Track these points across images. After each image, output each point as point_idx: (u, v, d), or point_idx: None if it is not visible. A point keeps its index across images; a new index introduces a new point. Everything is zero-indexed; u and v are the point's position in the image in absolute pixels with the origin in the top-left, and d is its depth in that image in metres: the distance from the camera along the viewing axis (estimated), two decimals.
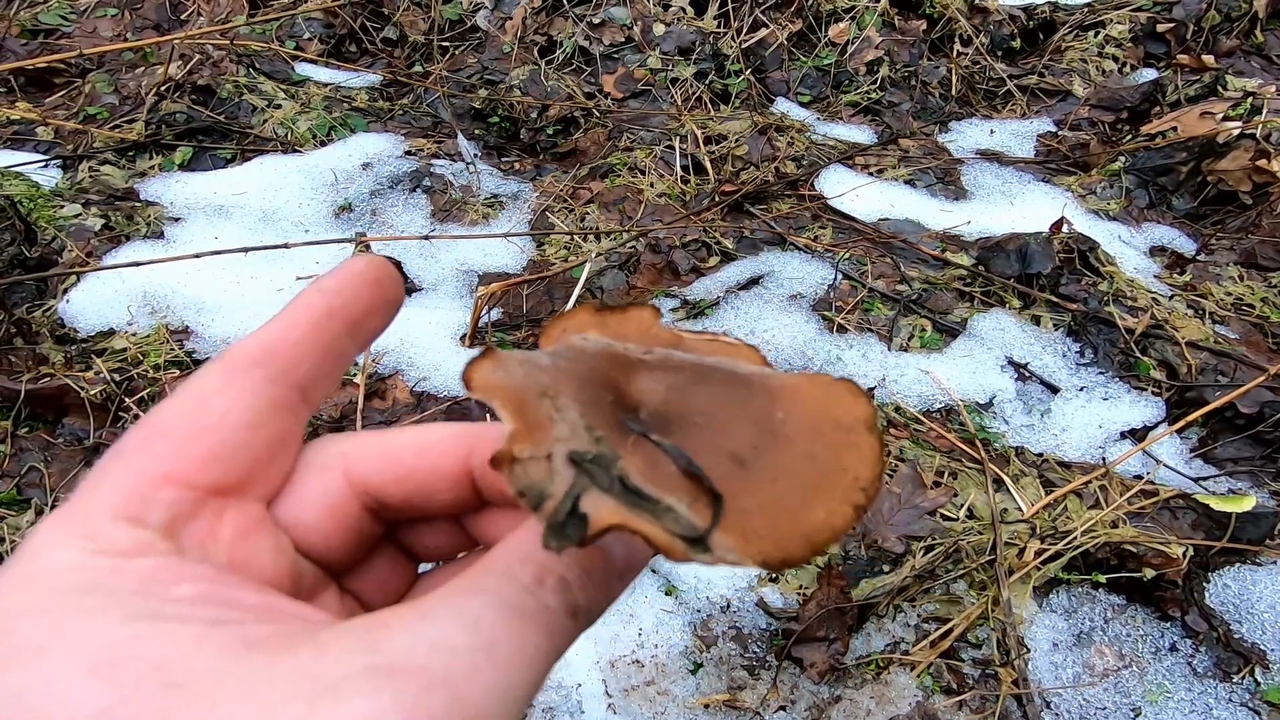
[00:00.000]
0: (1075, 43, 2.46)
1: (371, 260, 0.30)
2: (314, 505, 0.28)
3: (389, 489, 0.28)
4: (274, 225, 1.86)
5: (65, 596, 0.21)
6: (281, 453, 0.27)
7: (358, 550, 0.29)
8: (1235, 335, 1.59)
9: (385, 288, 0.30)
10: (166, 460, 0.25)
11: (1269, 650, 1.10)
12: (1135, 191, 2.00)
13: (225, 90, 2.16)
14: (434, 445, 0.29)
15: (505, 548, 0.25)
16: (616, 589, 0.26)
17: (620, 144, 2.16)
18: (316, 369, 0.28)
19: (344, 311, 0.29)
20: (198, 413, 0.26)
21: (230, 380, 0.26)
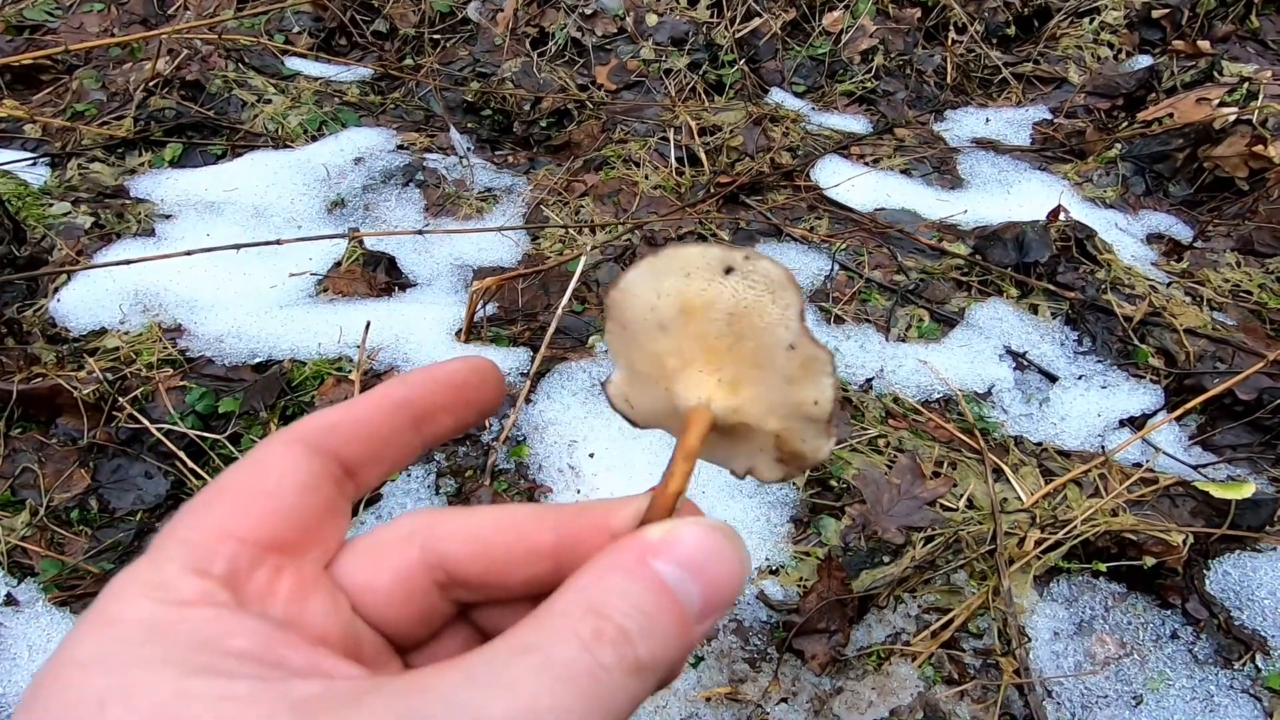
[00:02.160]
0: (1070, 29, 2.44)
1: (468, 363, 0.32)
2: (387, 573, 0.28)
3: (465, 563, 0.29)
4: (266, 221, 1.85)
5: (130, 649, 0.23)
6: (332, 520, 0.29)
7: (426, 625, 0.29)
8: (1233, 322, 1.59)
9: (468, 390, 0.32)
10: (229, 518, 0.27)
11: (1269, 637, 1.10)
12: (1132, 179, 2.00)
13: (214, 85, 2.14)
14: (516, 522, 0.29)
15: (563, 596, 0.24)
16: (695, 635, 0.25)
17: (614, 136, 2.14)
18: (369, 452, 0.30)
19: (416, 405, 0.31)
20: (258, 477, 0.28)
21: (288, 449, 0.28)
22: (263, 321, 1.55)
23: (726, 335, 0.30)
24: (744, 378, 0.31)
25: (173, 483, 1.35)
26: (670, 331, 0.31)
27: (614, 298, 0.32)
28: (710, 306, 0.30)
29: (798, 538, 1.22)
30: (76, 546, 1.28)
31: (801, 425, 0.31)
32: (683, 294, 0.30)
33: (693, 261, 0.30)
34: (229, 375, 1.47)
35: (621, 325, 0.32)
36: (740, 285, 0.30)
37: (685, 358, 0.31)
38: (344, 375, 1.46)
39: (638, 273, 0.31)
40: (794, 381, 0.30)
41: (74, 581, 1.22)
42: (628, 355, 0.33)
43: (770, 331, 0.30)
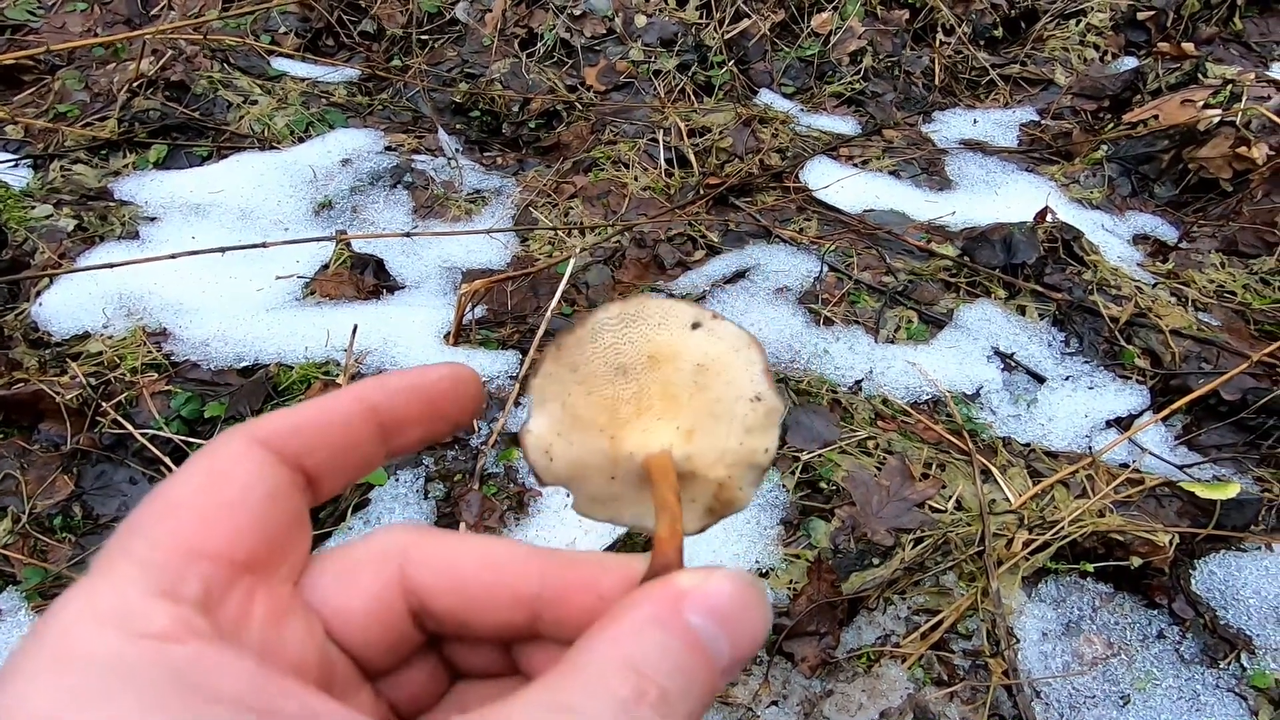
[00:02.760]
0: (1057, 31, 2.46)
1: (450, 371, 0.30)
2: (363, 596, 0.27)
3: (439, 597, 0.27)
4: (252, 224, 1.83)
5: (99, 698, 0.19)
6: (299, 533, 0.27)
7: (397, 652, 0.28)
8: (1218, 322, 1.60)
9: (446, 402, 0.30)
10: (194, 534, 0.24)
11: (1254, 636, 1.11)
12: (1118, 180, 2.01)
13: (199, 86, 2.12)
14: (499, 563, 0.27)
15: (598, 649, 0.23)
16: (720, 688, 0.24)
17: (603, 137, 2.14)
18: (332, 461, 0.27)
19: (387, 414, 0.29)
20: (218, 485, 0.25)
21: (249, 453, 0.26)
22: (249, 325, 1.54)
23: (689, 385, 0.31)
24: (699, 427, 0.31)
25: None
26: (632, 377, 0.32)
27: (575, 338, 0.32)
28: (678, 356, 0.31)
29: (788, 540, 1.22)
30: (60, 554, 1.27)
31: (744, 472, 0.32)
32: (653, 341, 0.32)
33: (666, 312, 0.32)
34: (214, 379, 1.46)
35: (571, 368, 0.32)
36: (707, 340, 0.31)
37: (643, 404, 0.32)
38: (331, 379, 1.44)
39: (607, 316, 0.32)
40: (752, 431, 0.31)
41: (57, 590, 1.20)
42: (568, 401, 0.32)
43: (735, 384, 0.31)
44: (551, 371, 0.32)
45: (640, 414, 0.32)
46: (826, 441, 1.33)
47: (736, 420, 0.31)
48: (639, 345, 0.32)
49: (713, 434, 0.31)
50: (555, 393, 0.32)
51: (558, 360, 0.32)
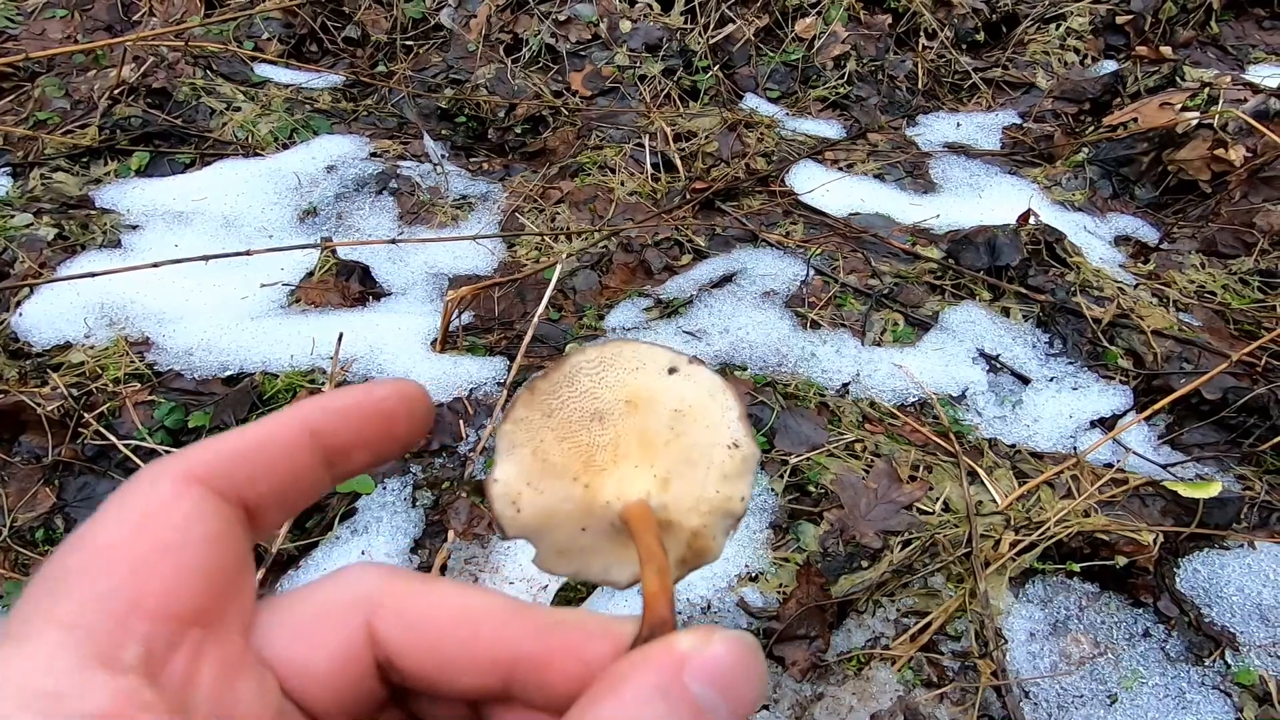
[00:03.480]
0: (1038, 35, 2.49)
1: (398, 390, 0.28)
2: (327, 652, 0.24)
3: (410, 655, 0.25)
4: (236, 231, 1.82)
5: None
6: (245, 577, 0.24)
7: (359, 710, 0.25)
8: (1198, 322, 1.62)
9: (394, 423, 0.28)
10: (128, 587, 0.20)
11: (1238, 633, 1.12)
12: (1099, 182, 2.04)
13: (182, 93, 2.10)
14: (476, 620, 0.25)
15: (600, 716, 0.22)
16: None
17: (589, 142, 2.14)
18: (276, 493, 0.25)
19: (330, 438, 0.26)
20: (152, 529, 0.22)
21: (185, 490, 0.23)
22: (233, 334, 1.53)
23: (665, 431, 0.31)
24: (675, 473, 0.31)
25: None
26: (608, 423, 0.31)
27: (550, 382, 0.31)
28: (656, 402, 0.31)
29: (776, 544, 1.22)
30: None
31: (718, 521, 0.31)
32: (630, 386, 0.31)
33: (643, 357, 0.31)
34: (199, 389, 1.45)
35: (545, 413, 0.31)
36: (685, 385, 0.31)
37: (619, 451, 0.31)
38: (317, 387, 1.43)
39: (584, 360, 0.31)
40: (729, 478, 0.31)
41: None
42: (539, 447, 0.31)
43: (712, 430, 0.31)
44: (524, 416, 0.31)
45: (617, 461, 0.31)
46: (814, 445, 1.34)
47: (714, 467, 0.31)
48: (616, 390, 0.31)
49: (689, 481, 0.31)
50: (527, 438, 0.31)
51: (531, 405, 0.31)
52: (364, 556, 1.23)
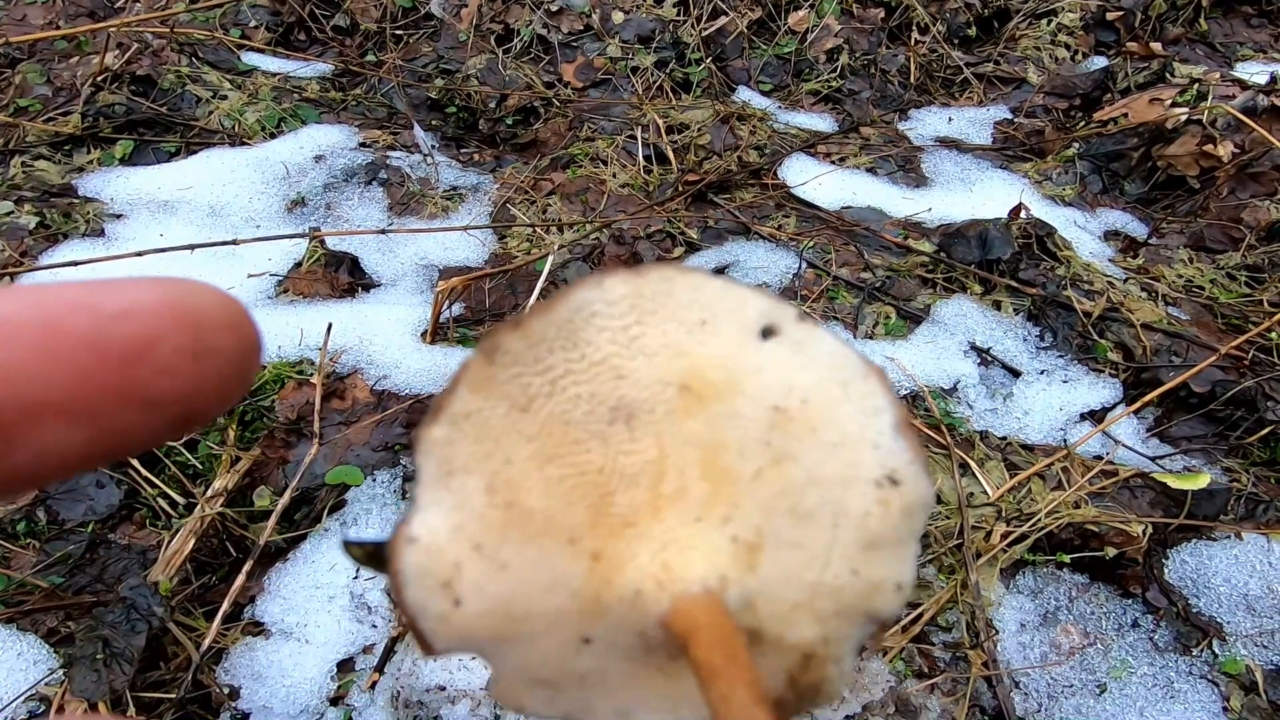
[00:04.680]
0: (1029, 31, 2.49)
1: (160, 297, 0.16)
2: None
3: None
4: (223, 221, 1.79)
5: None
6: None
7: None
8: (1186, 316, 1.63)
9: (148, 359, 0.16)
10: None
11: (1225, 623, 1.13)
12: (1089, 177, 2.04)
13: (167, 81, 2.07)
14: None
15: None
16: None
17: (581, 134, 2.13)
18: None
19: None
20: None
21: None
22: None
23: (756, 450, 0.16)
24: (771, 537, 0.16)
25: (126, 492, 1.30)
26: (642, 428, 0.16)
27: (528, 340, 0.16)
28: (737, 390, 0.16)
29: None
30: (24, 561, 1.23)
31: (848, 629, 0.17)
32: (689, 356, 0.16)
33: (713, 300, 0.16)
34: None
35: (516, 404, 0.16)
36: (793, 362, 0.16)
37: (664, 489, 0.16)
38: (306, 378, 1.42)
39: (603, 299, 0.16)
40: (876, 547, 0.16)
41: (21, 597, 1.17)
42: (502, 476, 0.16)
43: (847, 450, 0.16)
44: (474, 411, 0.16)
45: (659, 508, 0.16)
46: None
47: (847, 524, 0.16)
48: (662, 363, 0.16)
49: (799, 552, 0.16)
50: (477, 457, 0.16)
51: (488, 387, 0.16)
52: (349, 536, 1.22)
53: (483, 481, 0.16)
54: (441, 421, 0.16)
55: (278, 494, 1.27)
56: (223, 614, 1.12)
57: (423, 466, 0.17)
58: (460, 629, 0.16)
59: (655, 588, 0.16)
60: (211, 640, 1.10)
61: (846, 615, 0.17)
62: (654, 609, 0.16)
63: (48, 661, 1.07)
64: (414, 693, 1.03)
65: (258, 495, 1.29)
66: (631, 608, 0.16)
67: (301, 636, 1.13)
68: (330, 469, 1.29)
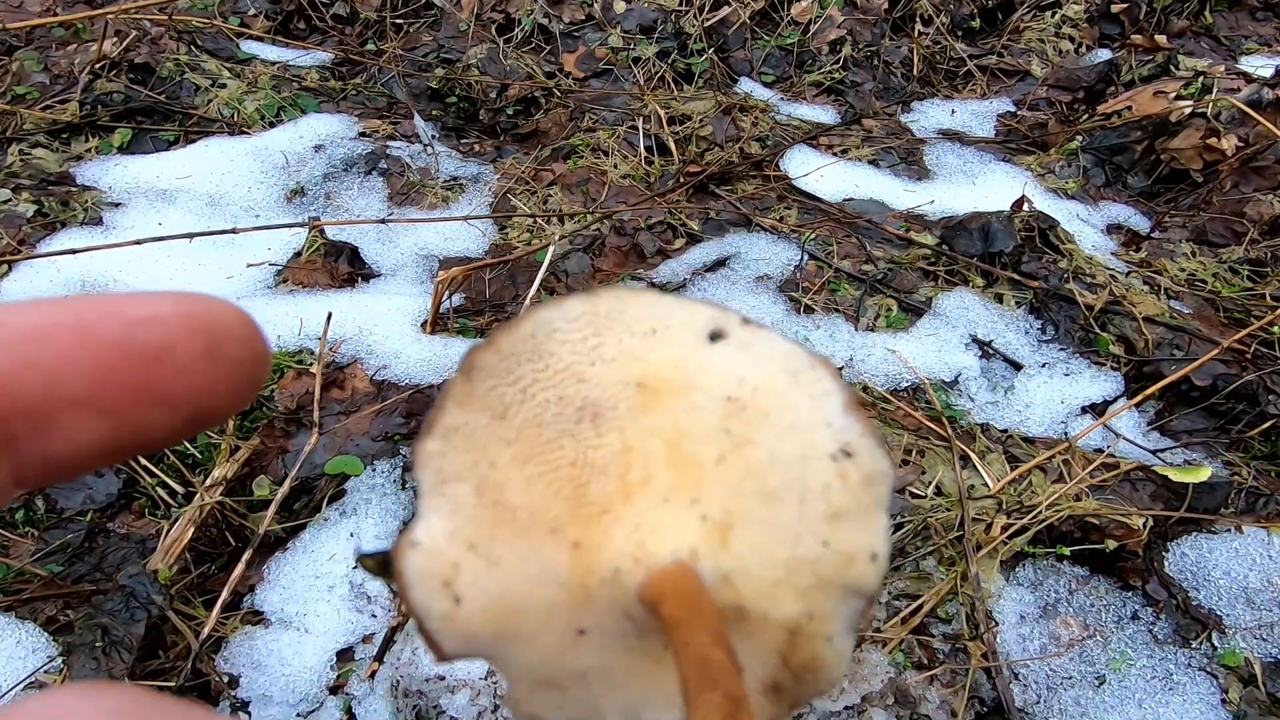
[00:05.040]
0: (1033, 23, 2.48)
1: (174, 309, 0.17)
2: None
3: None
4: (222, 210, 1.78)
5: None
6: None
7: None
8: (1189, 310, 1.63)
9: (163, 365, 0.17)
10: None
11: (1225, 615, 1.13)
12: (1092, 170, 2.04)
13: (165, 69, 2.06)
14: None
15: None
16: None
17: (582, 125, 2.11)
18: None
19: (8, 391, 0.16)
20: None
21: None
22: None
23: (715, 437, 0.18)
24: (740, 514, 0.17)
25: (125, 481, 1.30)
26: (608, 425, 0.18)
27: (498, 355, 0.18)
28: (692, 385, 0.18)
29: None
30: (22, 549, 1.23)
31: (832, 603, 0.17)
32: (644, 361, 0.18)
33: (661, 314, 0.18)
34: None
35: (495, 412, 0.18)
36: (740, 359, 0.18)
37: (633, 474, 0.18)
38: (305, 368, 1.41)
39: (561, 316, 0.18)
40: (841, 517, 0.17)
41: (20, 585, 1.16)
42: (489, 478, 0.18)
43: (799, 430, 0.17)
44: (460, 425, 0.18)
45: (629, 492, 0.18)
46: None
47: (811, 499, 0.17)
48: (619, 367, 0.18)
49: (769, 528, 0.17)
50: (466, 464, 0.18)
51: (469, 401, 0.18)
52: (353, 539, 1.22)
53: (472, 485, 0.18)
54: (434, 436, 0.19)
55: (277, 483, 1.27)
56: (222, 603, 1.12)
57: (421, 479, 0.19)
58: (464, 628, 0.17)
59: (632, 564, 0.17)
60: (211, 629, 1.10)
61: (826, 588, 0.17)
62: (631, 584, 0.17)
63: (47, 649, 1.07)
64: (413, 682, 1.03)
65: (257, 485, 1.28)
66: (613, 587, 0.17)
67: (301, 626, 1.13)
68: (330, 459, 1.29)
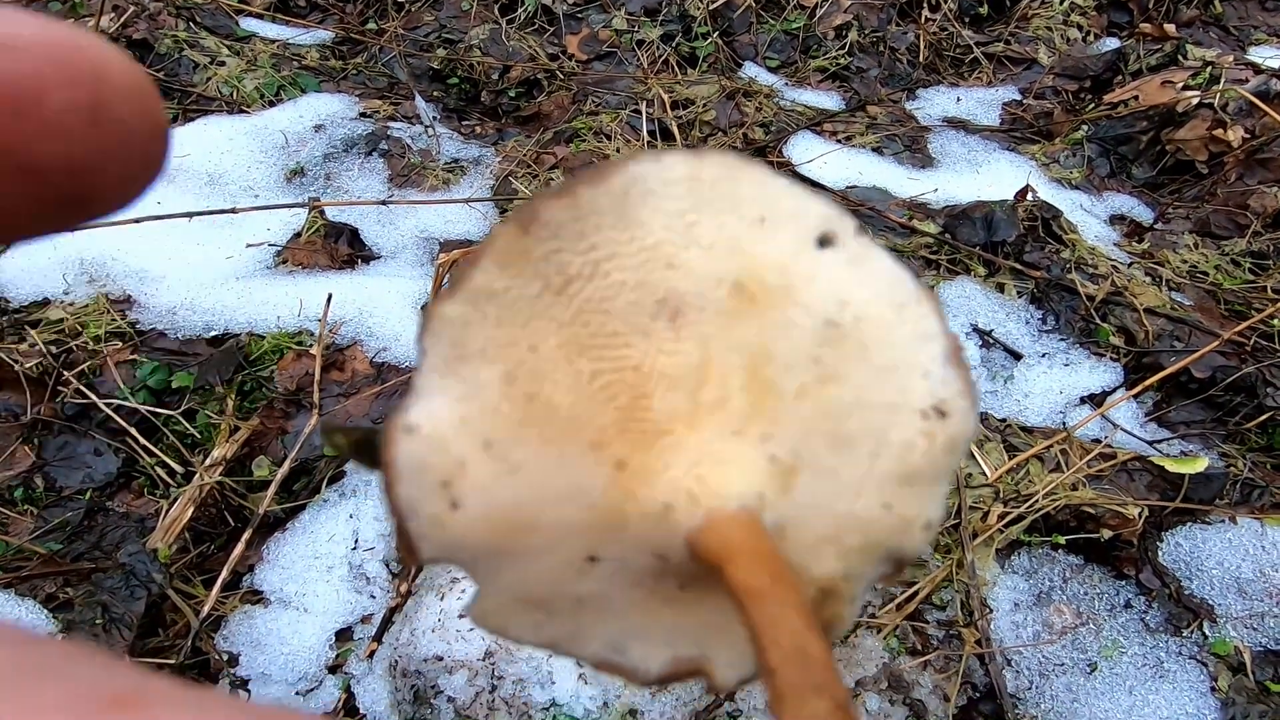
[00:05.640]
0: (1041, 10, 2.46)
1: (33, 35, 0.13)
2: None
3: None
4: (221, 190, 1.77)
5: None
6: None
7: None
8: (1190, 302, 1.63)
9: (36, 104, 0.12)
10: None
11: (1216, 605, 1.14)
12: (1097, 160, 2.03)
13: (164, 45, 2.04)
14: None
15: None
16: None
17: (585, 108, 2.10)
18: None
19: None
20: None
21: None
22: (218, 293, 1.50)
23: (804, 365, 0.15)
24: (808, 459, 0.15)
25: (124, 460, 1.30)
26: (691, 328, 0.15)
27: (574, 210, 0.14)
28: (790, 297, 0.15)
29: None
30: (21, 526, 1.23)
31: (872, 568, 0.16)
32: (746, 254, 0.15)
33: (775, 200, 0.16)
34: (182, 349, 1.42)
35: (551, 285, 0.14)
36: (849, 276, 0.16)
37: (704, 395, 0.15)
38: (305, 349, 1.41)
39: (663, 174, 0.15)
40: (912, 479, 0.15)
41: (19, 563, 1.17)
42: (525, 365, 0.15)
43: (895, 375, 0.15)
44: (500, 288, 0.14)
45: (696, 417, 0.15)
46: None
47: (886, 454, 0.15)
48: (717, 257, 0.15)
49: (831, 479, 0.15)
50: (498, 342, 0.14)
51: (522, 259, 0.14)
52: (352, 520, 1.22)
53: (501, 370, 0.14)
54: (459, 298, 0.14)
55: (277, 464, 1.27)
56: (222, 582, 1.13)
57: (429, 349, 0.15)
58: (453, 536, 0.14)
59: (688, 502, 0.14)
60: (210, 608, 1.11)
61: (871, 551, 0.16)
62: (683, 525, 0.14)
63: (46, 627, 1.08)
64: (411, 662, 1.03)
65: (256, 465, 1.29)
66: (656, 524, 0.15)
67: (300, 605, 1.14)
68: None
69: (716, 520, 0.14)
